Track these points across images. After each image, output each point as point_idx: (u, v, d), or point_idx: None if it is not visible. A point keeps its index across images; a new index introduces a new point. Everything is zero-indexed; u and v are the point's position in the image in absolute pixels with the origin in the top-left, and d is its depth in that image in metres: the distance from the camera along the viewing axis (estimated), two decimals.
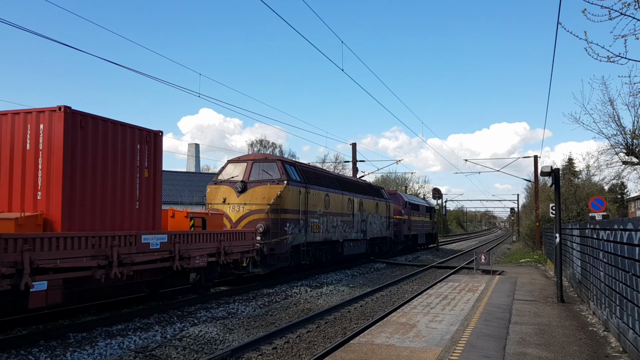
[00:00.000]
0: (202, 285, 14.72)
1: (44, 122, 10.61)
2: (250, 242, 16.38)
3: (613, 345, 8.62)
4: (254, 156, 20.53)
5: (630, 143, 18.50)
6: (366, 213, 27.66)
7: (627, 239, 7.39)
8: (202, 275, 14.46)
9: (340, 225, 23.81)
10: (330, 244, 22.97)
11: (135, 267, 11.27)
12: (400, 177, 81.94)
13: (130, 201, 12.15)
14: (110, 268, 10.48)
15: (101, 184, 11.35)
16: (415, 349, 8.19)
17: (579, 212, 30.33)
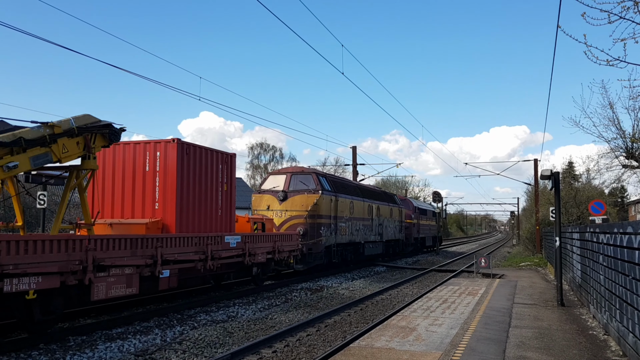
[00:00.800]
0: (260, 277, 17.70)
1: (160, 150, 14.10)
2: (295, 243, 19.58)
3: (613, 349, 8.61)
4: (292, 169, 23.93)
5: (630, 147, 18.51)
6: (382, 217, 30.78)
7: (627, 242, 7.40)
8: (261, 270, 17.50)
9: (361, 229, 26.90)
10: (354, 245, 25.94)
11: (221, 261, 14.44)
12: (401, 180, 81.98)
13: (215, 209, 15.61)
14: (206, 261, 13.77)
15: (198, 196, 14.84)
16: (415, 353, 8.19)
17: (579, 216, 30.32)
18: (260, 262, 16.85)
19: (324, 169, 63.22)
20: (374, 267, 28.06)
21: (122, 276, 11.03)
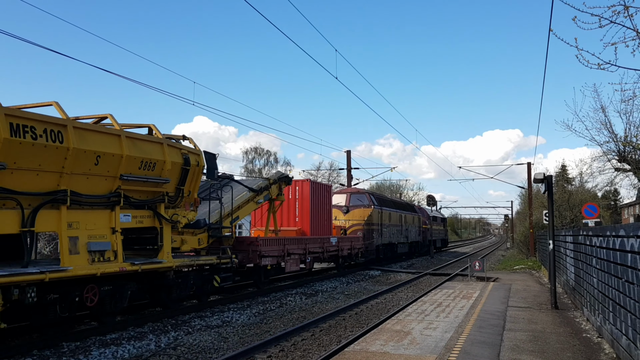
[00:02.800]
0: (342, 265, 26.50)
1: (299, 186, 23.41)
2: (361, 243, 27.93)
3: (607, 351, 8.65)
4: (350, 189, 33.05)
5: (622, 150, 18.62)
6: (408, 224, 39.07)
7: (620, 245, 7.44)
8: (343, 260, 26.10)
9: (395, 233, 35.32)
10: (391, 245, 34.40)
11: (328, 253, 23.52)
12: (395, 184, 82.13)
13: (325, 220, 25.32)
14: (323, 252, 22.94)
15: (319, 213, 24.32)
16: (409, 356, 8.20)
17: (573, 219, 30.46)
18: (345, 255, 25.76)
19: (319, 173, 63.38)
20: (368, 271, 28.13)
21: (295, 260, 20.11)
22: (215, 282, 14.85)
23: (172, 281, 13.02)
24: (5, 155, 8.71)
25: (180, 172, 12.80)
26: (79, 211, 10.30)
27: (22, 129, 8.90)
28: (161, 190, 12.42)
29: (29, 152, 9.08)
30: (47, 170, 9.54)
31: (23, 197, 9.23)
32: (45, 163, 9.44)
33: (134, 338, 10.86)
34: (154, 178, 11.96)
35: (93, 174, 10.46)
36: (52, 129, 9.42)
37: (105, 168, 10.66)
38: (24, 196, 9.25)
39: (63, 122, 9.71)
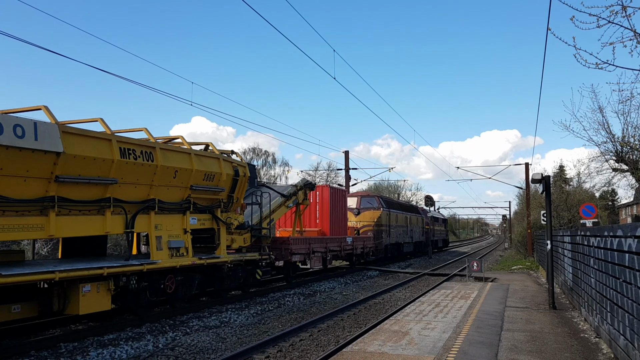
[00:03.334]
0: (355, 263, 28.22)
1: (319, 191, 25.24)
2: (372, 243, 30.37)
3: (604, 351, 8.66)
4: (361, 193, 35.49)
5: (620, 150, 18.63)
6: (412, 225, 41.37)
7: (617, 245, 7.45)
8: (356, 258, 28.03)
9: (401, 233, 37.48)
10: (397, 244, 36.44)
11: (345, 251, 25.75)
12: (393, 184, 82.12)
13: (342, 222, 27.32)
14: (341, 251, 25.16)
15: (336, 215, 26.33)
16: (408, 357, 8.20)
17: (570, 219, 30.48)
18: (358, 253, 27.89)
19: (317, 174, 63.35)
20: (367, 271, 28.15)
21: (318, 257, 22.46)
22: (258, 275, 17.56)
23: (225, 273, 15.59)
24: (117, 172, 11.16)
25: (231, 182, 15.30)
26: (162, 215, 12.83)
27: (127, 151, 11.39)
28: (218, 198, 14.99)
29: (132, 169, 11.57)
30: (142, 183, 12.08)
31: (127, 205, 11.74)
32: (141, 178, 11.96)
33: (132, 339, 10.84)
34: (213, 187, 14.53)
35: (172, 185, 13.04)
36: (145, 151, 11.91)
37: (180, 180, 13.21)
38: (127, 204, 11.76)
39: (153, 145, 12.25)
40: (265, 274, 17.96)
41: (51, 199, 10.05)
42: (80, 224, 10.78)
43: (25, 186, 9.59)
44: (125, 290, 11.70)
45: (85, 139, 10.55)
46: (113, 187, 11.22)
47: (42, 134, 9.50)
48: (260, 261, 17.44)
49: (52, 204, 10.07)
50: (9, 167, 9.15)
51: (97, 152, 10.71)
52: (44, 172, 9.81)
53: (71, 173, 10.26)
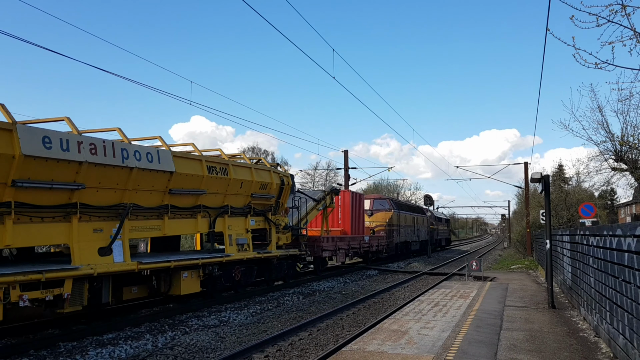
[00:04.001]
0: (370, 259, 31.49)
1: (341, 195, 27.93)
2: (384, 241, 32.88)
3: (604, 351, 8.66)
4: (374, 196, 38.02)
5: (619, 149, 18.63)
6: (419, 225, 44.29)
7: (617, 244, 7.45)
8: (371, 255, 30.97)
9: (409, 233, 40.43)
10: (406, 243, 39.39)
11: (362, 249, 28.31)
12: (392, 184, 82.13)
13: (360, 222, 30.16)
14: (359, 248, 27.61)
15: (355, 216, 28.86)
16: (407, 356, 8.19)
17: (569, 219, 30.49)
18: (373, 251, 30.58)
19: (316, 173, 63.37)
20: (366, 270, 28.16)
21: (342, 253, 25.18)
22: (298, 268, 21.19)
23: (274, 265, 18.62)
24: (205, 185, 14.33)
25: (279, 190, 18.33)
26: (232, 218, 16.00)
27: (211, 168, 14.51)
28: (269, 203, 18.08)
29: (214, 182, 14.71)
30: (220, 193, 15.26)
31: (210, 210, 14.96)
32: (219, 189, 15.13)
33: (131, 338, 10.83)
34: (266, 195, 17.67)
35: (239, 194, 16.21)
36: (222, 167, 15.08)
37: (244, 190, 16.37)
38: (211, 209, 14.99)
39: (226, 162, 15.47)
40: (303, 267, 22.06)
41: (165, 207, 13.13)
42: (183, 224, 14.00)
43: (149, 197, 12.57)
44: (209, 277, 14.76)
45: (186, 160, 13.71)
46: (202, 197, 14.41)
47: (163, 158, 12.58)
48: (300, 256, 20.73)
49: (166, 211, 13.16)
50: (143, 184, 12.18)
51: (194, 169, 13.82)
52: (162, 187, 12.84)
53: (178, 187, 13.32)
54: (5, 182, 9.30)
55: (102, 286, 11.29)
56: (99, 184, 11.10)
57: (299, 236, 20.89)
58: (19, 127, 9.38)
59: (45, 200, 10.12)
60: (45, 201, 10.13)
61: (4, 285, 8.88)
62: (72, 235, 10.61)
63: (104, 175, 11.10)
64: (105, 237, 11.37)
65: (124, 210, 11.75)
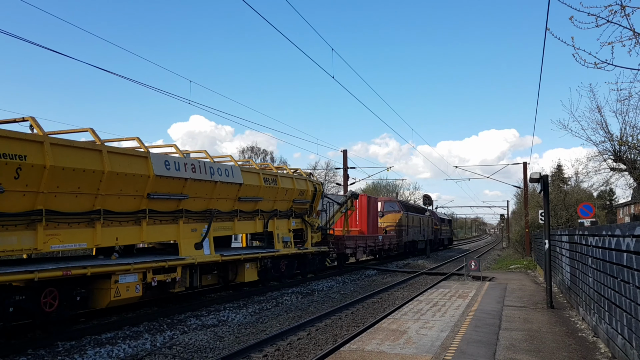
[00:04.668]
0: (382, 256, 34.44)
1: (359, 199, 29.81)
2: (395, 240, 35.48)
3: (602, 351, 8.67)
4: (384, 198, 41.82)
5: (618, 150, 18.62)
6: (424, 225, 47.11)
7: (615, 245, 7.45)
8: (383, 252, 33.66)
9: (416, 232, 43.07)
10: (413, 242, 41.98)
11: (377, 247, 31.08)
12: (391, 183, 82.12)
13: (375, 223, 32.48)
14: (375, 246, 30.72)
15: (371, 218, 31.44)
16: (405, 356, 8.19)
17: (568, 219, 30.49)
18: (385, 249, 33.33)
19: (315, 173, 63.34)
20: (365, 270, 28.13)
21: (361, 250, 28.02)
22: (327, 262, 25.03)
23: (309, 260, 21.95)
24: (262, 193, 17.73)
25: (312, 195, 21.59)
26: (279, 220, 19.45)
27: (265, 179, 17.86)
28: (305, 207, 21.43)
29: (267, 191, 18.08)
30: (271, 199, 18.63)
31: (264, 213, 18.41)
32: (271, 196, 18.51)
33: (130, 337, 10.83)
34: (304, 200, 21.03)
35: (284, 200, 19.58)
36: (273, 178, 18.54)
37: (288, 197, 19.71)
38: (265, 213, 18.43)
39: (276, 174, 18.87)
40: (332, 261, 26.40)
41: (235, 212, 16.58)
42: (246, 225, 17.63)
43: (225, 204, 16.07)
44: (264, 268, 17.88)
45: (250, 173, 17.12)
46: (260, 203, 17.85)
47: (234, 173, 16.00)
48: (328, 252, 24.38)
49: (236, 215, 16.68)
50: (222, 193, 15.60)
51: (255, 181, 17.22)
52: (234, 195, 16.29)
53: (244, 195, 16.74)
54: (143, 195, 12.58)
55: (194, 273, 14.58)
56: (195, 194, 14.45)
57: (327, 235, 24.23)
58: (151, 155, 12.74)
59: (164, 207, 13.49)
60: (164, 208, 13.49)
61: (143, 269, 12.22)
62: (179, 233, 14.05)
63: (198, 188, 14.46)
64: (198, 235, 14.77)
65: (211, 214, 15.19)
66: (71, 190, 10.81)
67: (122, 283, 11.69)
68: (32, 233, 10.17)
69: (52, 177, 10.20)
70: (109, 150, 11.66)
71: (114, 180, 11.63)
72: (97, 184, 11.32)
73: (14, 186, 9.63)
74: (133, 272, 11.96)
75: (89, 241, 11.42)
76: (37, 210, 10.17)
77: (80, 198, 11.09)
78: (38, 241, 10.21)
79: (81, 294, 11.04)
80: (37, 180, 9.99)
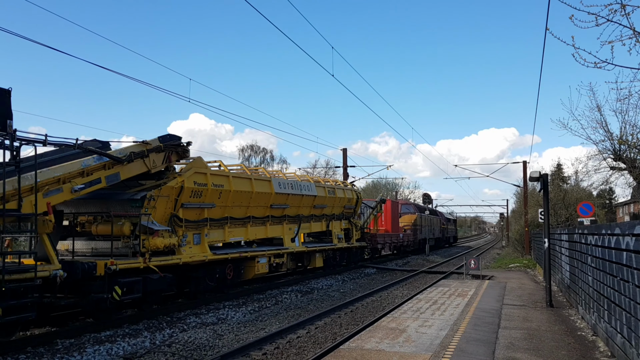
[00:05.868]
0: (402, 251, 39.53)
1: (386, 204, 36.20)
2: (411, 238, 40.81)
3: (601, 349, 8.67)
4: (402, 202, 48.05)
5: (618, 149, 18.61)
6: (434, 225, 52.74)
7: (615, 243, 7.45)
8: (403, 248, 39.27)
9: (427, 231, 48.09)
10: (425, 240, 45.74)
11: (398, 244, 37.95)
12: (391, 182, 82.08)
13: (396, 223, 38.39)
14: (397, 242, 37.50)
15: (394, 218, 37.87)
16: (405, 354, 8.20)
17: (568, 217, 30.50)
18: (405, 245, 39.06)
19: (314, 171, 63.36)
20: (364, 269, 28.15)
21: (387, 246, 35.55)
22: (366, 255, 31.93)
23: (353, 253, 28.07)
24: (326, 202, 23.72)
25: (356, 201, 27.38)
26: (335, 221, 25.46)
27: (328, 191, 23.80)
28: (351, 211, 27.25)
29: (329, 200, 23.86)
30: (330, 206, 24.36)
31: (327, 216, 24.45)
32: (329, 203, 24.06)
33: (129, 335, 10.83)
34: (350, 206, 26.78)
35: (338, 206, 25.31)
36: (332, 189, 24.36)
37: (340, 203, 25.35)
38: (327, 217, 24.45)
39: (334, 187, 24.84)
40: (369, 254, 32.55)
41: (312, 216, 22.87)
42: (317, 226, 23.77)
43: (306, 210, 22.14)
44: (326, 257, 24.27)
45: (318, 187, 22.91)
46: (325, 209, 23.90)
47: (311, 187, 22.09)
48: (366, 247, 30.52)
49: (312, 218, 23.04)
50: (304, 203, 21.66)
51: (323, 192, 23.17)
52: (311, 204, 22.36)
53: (317, 204, 22.85)
54: (267, 206, 18.84)
55: (288, 259, 20.42)
56: (292, 203, 20.57)
57: (364, 233, 29.99)
58: (272, 179, 19.17)
59: (277, 214, 19.74)
60: (277, 214, 19.76)
61: (269, 254, 18.71)
62: (283, 231, 20.40)
63: (293, 199, 20.53)
64: (292, 232, 21.02)
65: (299, 218, 21.47)
66: (239, 204, 17.07)
67: (260, 263, 18.02)
68: (222, 231, 16.49)
69: (233, 196, 16.46)
70: (255, 177, 18.11)
71: (256, 197, 17.81)
72: (249, 200, 17.50)
73: (218, 203, 15.83)
74: (266, 256, 18.46)
75: (244, 235, 17.86)
76: (225, 217, 16.47)
77: (241, 209, 17.39)
78: (225, 235, 16.66)
79: (242, 268, 17.43)
80: (226, 199, 16.17)
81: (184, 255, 14.05)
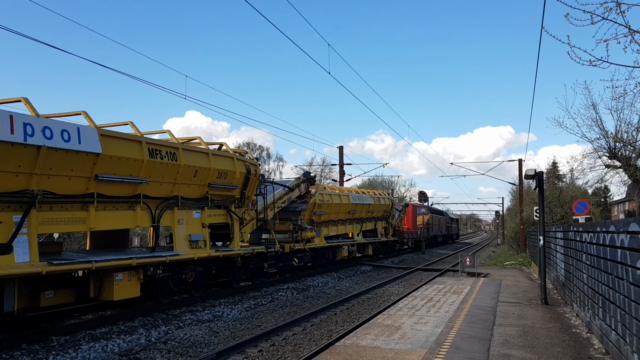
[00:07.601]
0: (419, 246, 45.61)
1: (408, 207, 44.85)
2: (425, 234, 47.34)
3: (596, 346, 8.71)
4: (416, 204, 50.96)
5: (613, 147, 18.68)
6: (441, 223, 59.90)
7: (610, 241, 7.48)
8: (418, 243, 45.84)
9: (436, 229, 55.31)
10: (435, 236, 54.08)
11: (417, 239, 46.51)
12: (387, 180, 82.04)
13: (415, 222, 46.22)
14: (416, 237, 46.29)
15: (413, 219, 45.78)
16: (400, 351, 8.21)
17: (563, 215, 30.56)
18: (420, 240, 45.01)
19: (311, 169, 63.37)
20: (360, 266, 28.18)
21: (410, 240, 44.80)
22: (397, 246, 39.00)
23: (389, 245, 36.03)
24: (375, 208, 31.58)
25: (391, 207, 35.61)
26: (378, 222, 33.83)
27: (376, 199, 31.91)
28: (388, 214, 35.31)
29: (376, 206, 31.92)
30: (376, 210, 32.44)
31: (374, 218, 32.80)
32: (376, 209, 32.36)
33: (124, 332, 10.81)
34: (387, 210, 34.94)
35: (380, 210, 33.61)
36: (377, 199, 32.40)
37: (382, 209, 33.45)
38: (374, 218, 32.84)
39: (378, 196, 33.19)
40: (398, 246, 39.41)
41: (366, 218, 30.94)
42: (369, 225, 31.86)
43: (363, 214, 30.23)
44: (376, 248, 32.80)
45: (371, 197, 31.08)
46: (374, 213, 31.23)
47: (366, 198, 30.24)
48: (397, 241, 37.43)
49: (366, 220, 31.08)
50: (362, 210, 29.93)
51: (373, 201, 31.17)
52: (366, 210, 30.44)
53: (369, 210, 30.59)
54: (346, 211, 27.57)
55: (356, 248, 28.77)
56: (357, 210, 28.84)
57: (395, 231, 37.24)
58: (350, 194, 27.90)
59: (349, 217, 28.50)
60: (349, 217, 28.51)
61: (348, 244, 27.65)
62: (353, 229, 29.10)
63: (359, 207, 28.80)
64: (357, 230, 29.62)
65: (361, 220, 29.73)
66: (335, 211, 26.15)
67: (344, 250, 27.20)
68: (327, 228, 25.32)
69: (334, 207, 25.00)
70: (343, 194, 27.02)
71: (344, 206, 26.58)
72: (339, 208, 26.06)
73: (327, 210, 24.50)
74: (347, 245, 27.60)
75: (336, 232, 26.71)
76: (329, 220, 25.55)
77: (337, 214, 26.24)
78: (329, 231, 25.68)
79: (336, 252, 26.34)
80: (331, 208, 25.27)
81: (316, 242, 23.44)
